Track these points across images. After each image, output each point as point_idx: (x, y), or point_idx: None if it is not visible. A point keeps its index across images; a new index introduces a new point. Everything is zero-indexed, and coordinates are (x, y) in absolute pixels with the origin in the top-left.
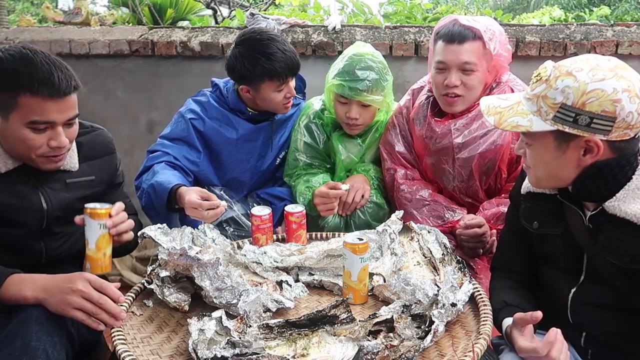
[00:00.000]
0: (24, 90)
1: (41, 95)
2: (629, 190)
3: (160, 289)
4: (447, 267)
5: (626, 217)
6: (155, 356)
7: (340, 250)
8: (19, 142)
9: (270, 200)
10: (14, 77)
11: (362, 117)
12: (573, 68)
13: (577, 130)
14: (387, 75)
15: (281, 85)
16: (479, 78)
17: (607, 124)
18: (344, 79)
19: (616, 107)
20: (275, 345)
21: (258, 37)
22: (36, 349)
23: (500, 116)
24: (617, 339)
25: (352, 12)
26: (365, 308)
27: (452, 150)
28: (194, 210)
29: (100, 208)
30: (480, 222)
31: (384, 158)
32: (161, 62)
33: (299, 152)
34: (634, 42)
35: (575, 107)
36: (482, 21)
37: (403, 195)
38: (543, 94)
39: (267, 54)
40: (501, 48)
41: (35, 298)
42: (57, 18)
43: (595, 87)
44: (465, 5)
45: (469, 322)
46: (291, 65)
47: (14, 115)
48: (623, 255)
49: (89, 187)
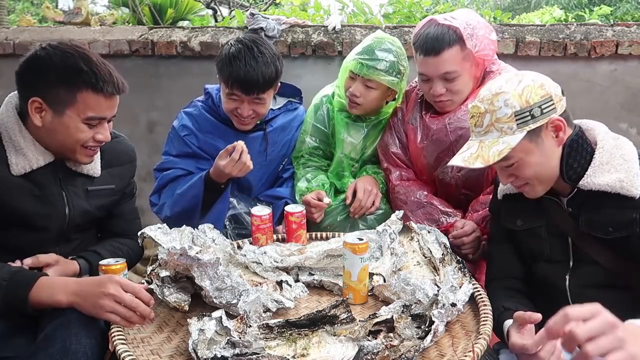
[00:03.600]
0: (85, 87)
1: (103, 94)
2: (595, 167)
3: (160, 289)
4: (447, 267)
5: (600, 189)
6: (155, 356)
7: (340, 250)
8: (69, 136)
9: (271, 201)
10: (78, 74)
11: (363, 96)
12: (495, 89)
13: (539, 122)
14: (404, 61)
15: (231, 94)
16: (464, 80)
17: (550, 104)
18: (363, 57)
19: (545, 89)
20: (275, 345)
21: (246, 40)
22: (76, 352)
23: (482, 157)
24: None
25: (352, 12)
26: (365, 308)
27: (451, 146)
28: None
29: (115, 264)
30: (468, 230)
31: (380, 159)
32: (161, 62)
33: (307, 135)
34: (634, 42)
35: (524, 107)
36: (461, 16)
37: (398, 197)
38: (493, 120)
39: (233, 57)
40: (483, 41)
41: (69, 303)
42: (57, 18)
43: (522, 87)
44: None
45: (469, 322)
46: (243, 79)
47: (71, 110)
48: (605, 227)
49: (108, 195)
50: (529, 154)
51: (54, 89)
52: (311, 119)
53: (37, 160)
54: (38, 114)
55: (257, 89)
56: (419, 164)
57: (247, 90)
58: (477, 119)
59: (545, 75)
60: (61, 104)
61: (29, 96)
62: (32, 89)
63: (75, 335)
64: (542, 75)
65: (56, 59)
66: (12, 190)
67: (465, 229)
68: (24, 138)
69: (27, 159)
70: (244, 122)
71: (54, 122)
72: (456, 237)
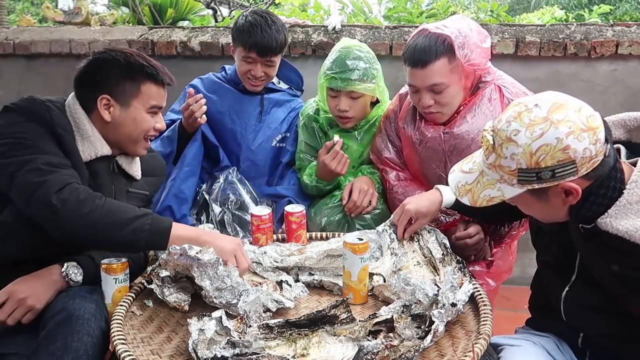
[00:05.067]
0: (147, 79)
1: (161, 84)
2: (620, 206)
3: (160, 289)
4: (447, 267)
5: (618, 234)
6: (155, 356)
7: (340, 250)
8: (136, 126)
9: (273, 200)
10: (140, 69)
11: (352, 109)
12: (510, 132)
13: (545, 184)
14: (375, 64)
15: (247, 57)
16: (452, 92)
17: (570, 168)
18: (335, 72)
19: (569, 153)
20: (275, 345)
21: (260, 11)
22: (77, 349)
23: (472, 194)
24: (612, 341)
25: (352, 12)
26: (365, 308)
27: (444, 154)
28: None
29: (117, 263)
30: (471, 232)
31: (375, 162)
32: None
33: (304, 152)
34: (634, 42)
35: (531, 168)
36: (453, 24)
37: (397, 197)
38: (497, 163)
39: (250, 25)
40: (475, 50)
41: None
42: (57, 18)
43: (539, 145)
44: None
45: (469, 322)
46: (260, 44)
47: (136, 101)
48: (612, 263)
49: (142, 200)
50: (527, 204)
51: (119, 84)
52: (304, 138)
53: (102, 149)
54: (107, 110)
55: (270, 52)
56: (413, 168)
57: (263, 52)
58: (484, 148)
59: (596, 118)
60: (128, 97)
61: (97, 94)
62: (99, 88)
63: (76, 332)
64: (583, 125)
65: (119, 58)
66: (80, 177)
67: (469, 231)
68: (92, 129)
69: (94, 146)
70: (255, 83)
71: (122, 115)
72: (459, 238)
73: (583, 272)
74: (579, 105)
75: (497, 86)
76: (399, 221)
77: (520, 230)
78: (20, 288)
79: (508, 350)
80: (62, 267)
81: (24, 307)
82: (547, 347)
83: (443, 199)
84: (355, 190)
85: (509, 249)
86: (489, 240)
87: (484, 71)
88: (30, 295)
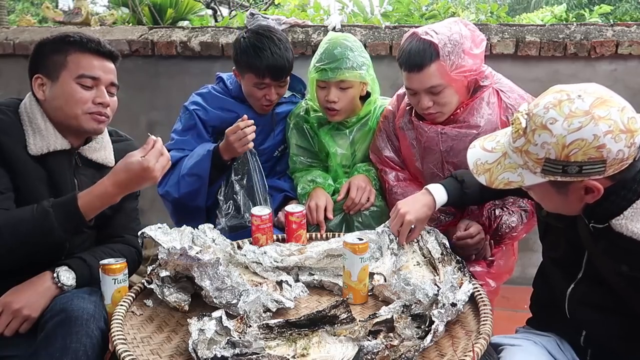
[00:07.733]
0: (73, 48)
1: (90, 52)
2: (636, 209)
3: (160, 289)
4: (447, 267)
5: (633, 237)
6: (155, 356)
7: (340, 250)
8: (66, 100)
9: (270, 192)
10: (65, 40)
11: (341, 100)
12: (547, 119)
13: (569, 178)
14: (363, 53)
15: (261, 83)
16: (450, 92)
17: (598, 167)
18: (324, 63)
19: (602, 152)
20: (275, 345)
21: (262, 31)
22: (77, 351)
23: (490, 174)
24: (615, 341)
25: (352, 12)
26: (365, 308)
27: (441, 155)
28: (235, 135)
29: (115, 263)
30: (472, 232)
31: (374, 162)
32: (161, 62)
33: (296, 155)
34: (634, 42)
35: (560, 159)
36: (443, 31)
37: (396, 198)
38: (524, 148)
39: (258, 48)
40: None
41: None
42: (57, 18)
43: (574, 139)
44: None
45: (469, 322)
46: (273, 67)
47: (64, 72)
48: (622, 264)
49: None
50: (543, 193)
51: (48, 59)
52: (296, 141)
53: (55, 143)
54: (41, 90)
55: (284, 74)
56: (411, 167)
57: (278, 76)
58: (514, 131)
59: (636, 121)
60: (56, 71)
61: (32, 77)
62: (34, 70)
63: (75, 334)
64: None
65: (49, 36)
66: (26, 173)
67: (470, 231)
68: (45, 122)
69: (46, 140)
70: (269, 106)
71: (52, 90)
72: (460, 238)
73: (590, 271)
74: (623, 104)
75: (495, 90)
76: (401, 232)
77: (521, 231)
78: (15, 299)
79: (508, 350)
80: (53, 273)
81: (20, 317)
82: (548, 346)
83: (436, 201)
84: (353, 187)
85: (511, 250)
86: (489, 240)
87: (477, 76)
88: (25, 305)
